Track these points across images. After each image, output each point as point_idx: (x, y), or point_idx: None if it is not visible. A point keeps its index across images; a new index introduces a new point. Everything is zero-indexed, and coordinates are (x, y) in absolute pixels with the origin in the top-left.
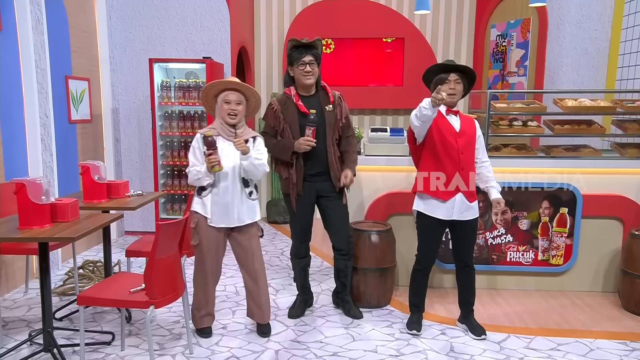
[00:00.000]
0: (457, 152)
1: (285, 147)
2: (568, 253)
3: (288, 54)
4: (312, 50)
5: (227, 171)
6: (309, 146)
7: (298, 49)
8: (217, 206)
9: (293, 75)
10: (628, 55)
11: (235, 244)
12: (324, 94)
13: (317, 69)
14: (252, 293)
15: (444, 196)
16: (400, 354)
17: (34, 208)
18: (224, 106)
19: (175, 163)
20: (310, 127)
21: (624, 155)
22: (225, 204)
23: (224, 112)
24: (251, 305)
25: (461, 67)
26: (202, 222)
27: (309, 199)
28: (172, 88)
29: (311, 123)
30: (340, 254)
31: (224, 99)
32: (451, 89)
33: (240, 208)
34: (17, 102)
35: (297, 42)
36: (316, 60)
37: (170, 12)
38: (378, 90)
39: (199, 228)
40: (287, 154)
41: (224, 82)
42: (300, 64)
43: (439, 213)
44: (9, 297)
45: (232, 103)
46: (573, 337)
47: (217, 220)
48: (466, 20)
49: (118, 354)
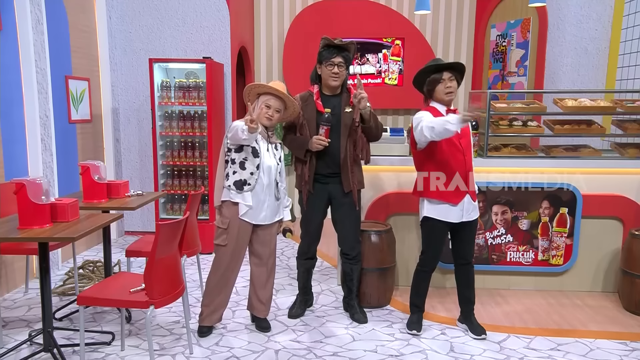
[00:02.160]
0: (462, 154)
1: (300, 144)
2: (568, 253)
3: (319, 52)
4: (344, 53)
5: (267, 169)
6: (321, 145)
7: (329, 48)
8: (256, 201)
9: (320, 73)
10: (628, 55)
11: (257, 240)
12: (348, 95)
13: (344, 72)
14: (258, 287)
15: (455, 200)
16: (400, 354)
17: (34, 208)
18: (264, 109)
19: (175, 163)
20: (323, 126)
21: (624, 155)
22: (259, 201)
23: (262, 114)
24: (253, 298)
25: (453, 65)
26: (235, 223)
27: (321, 201)
28: (172, 88)
29: (325, 122)
30: (347, 258)
31: (266, 102)
32: (448, 87)
33: (272, 207)
34: (17, 102)
35: (330, 41)
36: (345, 63)
37: (170, 12)
38: (378, 90)
39: (231, 229)
40: (302, 151)
41: (271, 88)
42: (329, 64)
43: (451, 217)
44: (9, 297)
45: (272, 109)
46: (573, 337)
47: (252, 215)
48: (466, 20)
49: (118, 354)
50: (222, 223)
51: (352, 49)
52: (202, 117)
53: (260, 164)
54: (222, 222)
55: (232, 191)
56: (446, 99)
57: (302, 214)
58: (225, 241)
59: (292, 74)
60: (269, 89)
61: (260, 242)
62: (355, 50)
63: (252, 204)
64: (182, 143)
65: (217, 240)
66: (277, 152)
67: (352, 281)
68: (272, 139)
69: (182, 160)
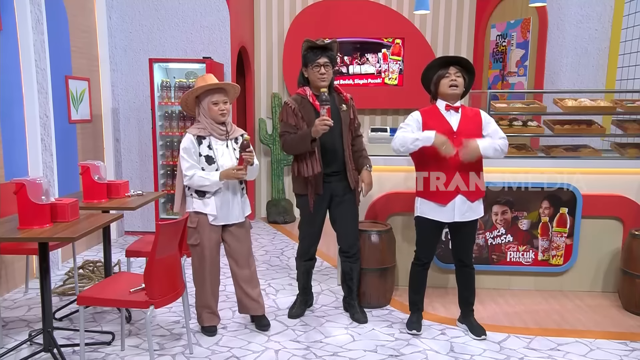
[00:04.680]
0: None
1: (302, 137)
2: (568, 253)
3: (303, 54)
4: (328, 52)
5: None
6: (327, 126)
7: (313, 50)
8: (221, 205)
9: (307, 76)
10: (628, 55)
11: (232, 238)
12: (337, 94)
13: (331, 71)
14: (246, 286)
15: (443, 200)
16: (400, 354)
17: (34, 208)
18: (213, 108)
19: (175, 163)
20: (324, 106)
21: (624, 155)
22: (227, 201)
23: (215, 113)
24: (245, 300)
25: (462, 61)
26: (204, 221)
27: (324, 201)
28: (172, 88)
29: (324, 102)
30: (346, 256)
31: (211, 101)
32: (452, 81)
33: (240, 204)
34: (17, 102)
35: (312, 43)
36: (331, 62)
37: (170, 12)
38: (378, 90)
39: (200, 227)
40: (307, 142)
41: (205, 85)
42: (315, 66)
43: (441, 216)
44: (9, 297)
45: (220, 103)
46: (573, 337)
47: (222, 218)
48: (466, 20)
49: (118, 354)
50: (191, 222)
51: (336, 47)
52: None
53: (219, 169)
54: (191, 222)
55: (195, 199)
56: (449, 92)
57: (304, 217)
58: (197, 240)
59: (292, 74)
60: (203, 88)
61: (235, 240)
62: (339, 47)
63: (216, 214)
64: None
65: (190, 240)
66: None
67: (352, 280)
68: (231, 134)
69: None
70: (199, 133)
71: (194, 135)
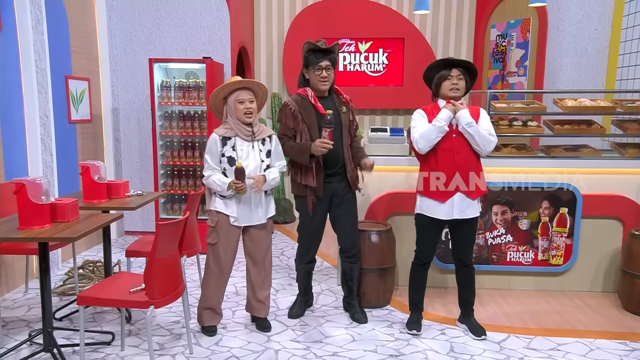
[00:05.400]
0: (452, 152)
1: (303, 150)
2: (568, 253)
3: (304, 56)
4: (329, 55)
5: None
6: (326, 148)
7: (315, 52)
8: (241, 206)
9: (308, 78)
10: (628, 55)
11: (250, 240)
12: (337, 96)
13: (332, 74)
14: (257, 287)
15: (442, 198)
16: (400, 354)
17: (34, 208)
18: (239, 107)
19: (175, 163)
20: (327, 128)
21: (624, 155)
22: (248, 203)
23: (240, 113)
24: (253, 300)
25: (464, 63)
26: (224, 221)
27: (324, 202)
28: (172, 88)
29: (327, 125)
30: (346, 256)
31: (237, 99)
32: (454, 84)
33: (261, 206)
34: (17, 102)
35: (314, 45)
36: (332, 65)
37: (170, 12)
38: (378, 90)
39: (219, 227)
40: (306, 157)
41: (231, 83)
42: (316, 69)
43: (439, 214)
44: (9, 297)
45: (246, 102)
46: (573, 337)
47: (242, 219)
48: (466, 20)
49: (118, 354)
50: (212, 221)
51: (337, 49)
52: (202, 117)
53: None
54: (211, 221)
55: (218, 198)
56: (450, 94)
57: (303, 219)
58: (215, 239)
59: (292, 74)
60: (231, 86)
61: (253, 241)
62: (339, 50)
63: (237, 216)
64: (182, 143)
65: (208, 238)
66: (265, 146)
67: (353, 280)
68: (258, 136)
69: (182, 160)
70: (225, 134)
71: (220, 136)
